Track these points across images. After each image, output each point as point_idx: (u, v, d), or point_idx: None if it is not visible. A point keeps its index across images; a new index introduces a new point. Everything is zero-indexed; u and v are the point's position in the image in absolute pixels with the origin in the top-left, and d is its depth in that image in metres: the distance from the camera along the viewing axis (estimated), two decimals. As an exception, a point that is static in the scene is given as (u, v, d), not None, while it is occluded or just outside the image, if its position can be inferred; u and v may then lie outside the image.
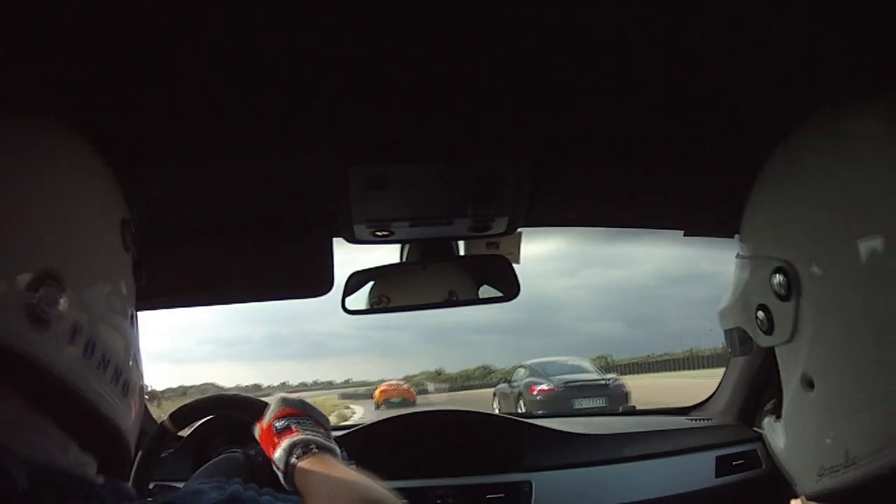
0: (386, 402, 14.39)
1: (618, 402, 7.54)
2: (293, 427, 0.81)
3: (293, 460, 0.75)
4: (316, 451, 0.76)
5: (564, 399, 8.23)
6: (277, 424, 0.82)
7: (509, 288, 1.20)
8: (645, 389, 10.69)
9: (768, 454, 1.47)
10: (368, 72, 0.79)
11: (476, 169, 1.03)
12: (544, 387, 8.78)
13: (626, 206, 1.30)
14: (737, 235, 1.44)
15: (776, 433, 0.57)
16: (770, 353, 1.49)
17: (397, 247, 1.29)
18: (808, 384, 0.49)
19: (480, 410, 1.55)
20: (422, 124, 0.93)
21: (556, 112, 0.92)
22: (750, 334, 0.55)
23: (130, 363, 0.53)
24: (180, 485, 1.00)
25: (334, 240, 1.19)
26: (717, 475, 1.42)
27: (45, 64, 0.66)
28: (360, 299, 1.22)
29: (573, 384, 8.60)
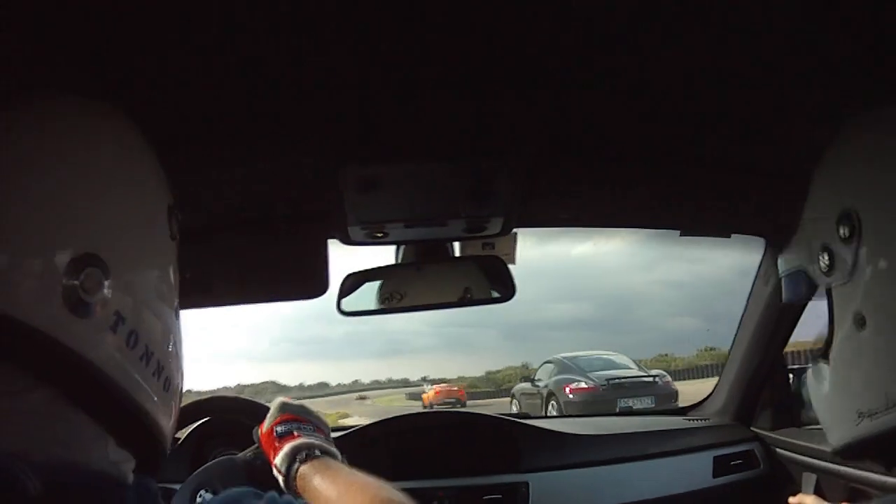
0: (441, 403, 14.52)
1: (666, 401, 6.76)
2: (295, 432, 0.80)
3: (296, 465, 0.75)
4: (319, 455, 0.76)
5: (607, 399, 7.15)
6: (279, 429, 0.81)
7: (505, 289, 1.20)
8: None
9: (766, 454, 1.47)
10: (361, 71, 0.78)
11: (471, 170, 1.02)
12: (582, 385, 7.63)
13: (621, 205, 1.30)
14: (734, 236, 1.45)
15: (821, 376, 0.58)
16: (769, 351, 1.48)
17: (391, 249, 1.30)
18: (860, 323, 0.51)
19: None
20: (415, 124, 0.93)
21: (551, 112, 0.92)
22: (811, 275, 0.57)
23: (174, 357, 0.50)
24: (177, 486, 1.00)
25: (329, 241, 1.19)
26: (715, 475, 1.43)
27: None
28: (355, 301, 1.22)
29: (617, 381, 7.53)
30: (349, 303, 1.21)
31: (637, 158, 1.08)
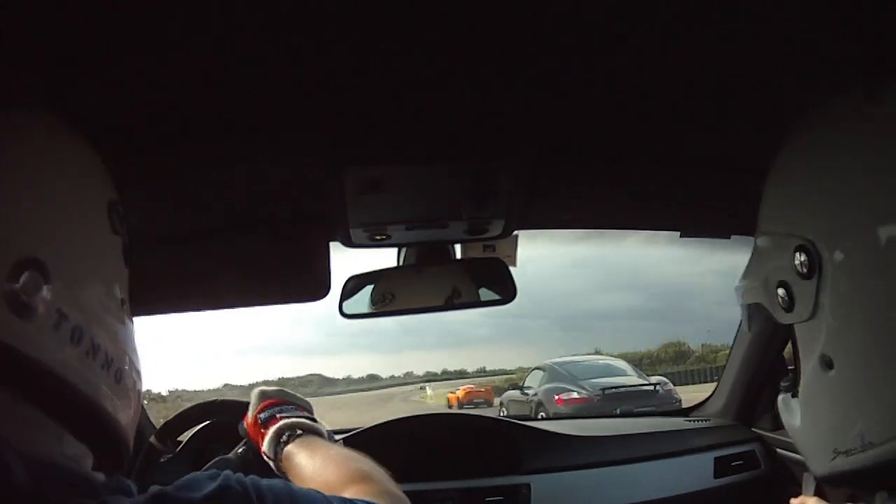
0: (470, 403, 15.55)
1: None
2: (277, 415, 0.82)
3: (282, 446, 0.76)
4: (301, 433, 0.78)
5: (602, 411, 6.58)
6: (262, 416, 0.83)
7: (506, 290, 1.20)
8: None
9: (767, 454, 1.47)
10: (362, 72, 0.78)
11: (472, 172, 1.03)
12: (574, 395, 7.17)
13: (621, 207, 1.31)
14: (733, 237, 1.45)
15: (791, 411, 0.56)
16: (770, 352, 1.49)
17: (392, 252, 1.30)
18: (827, 365, 0.48)
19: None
20: (416, 125, 0.93)
21: (552, 113, 0.92)
22: (770, 311, 0.54)
23: (123, 350, 0.51)
24: None
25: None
26: (716, 476, 1.43)
27: (30, 49, 0.64)
28: (357, 303, 1.22)
29: (613, 390, 7.08)
30: (351, 306, 1.22)
31: (638, 159, 1.08)
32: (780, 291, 0.51)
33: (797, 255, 0.48)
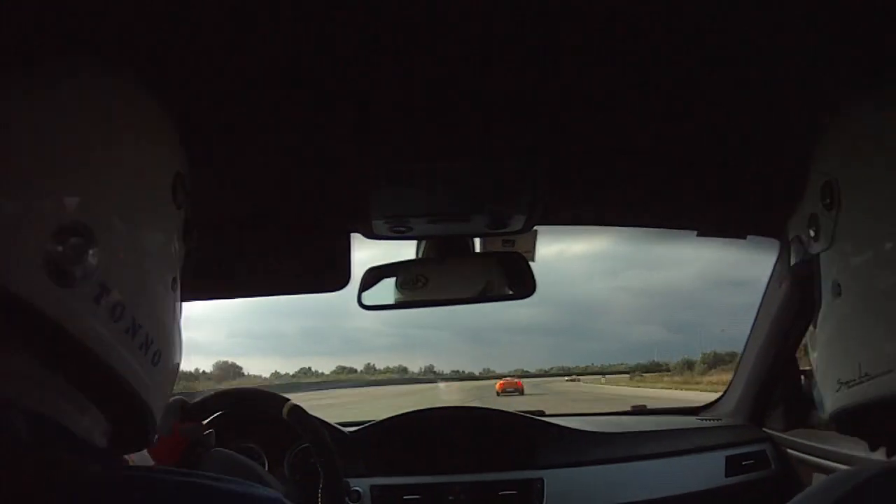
0: (504, 391, 21.69)
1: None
2: None
3: None
4: None
5: None
6: None
7: (525, 285, 1.20)
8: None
9: (777, 454, 1.48)
10: (393, 71, 0.79)
11: (495, 167, 1.03)
12: None
13: (640, 205, 1.31)
14: (749, 237, 1.46)
15: (812, 344, 0.59)
16: (782, 353, 1.49)
17: (410, 245, 1.30)
18: (837, 291, 0.53)
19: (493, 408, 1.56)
20: (444, 123, 0.93)
21: (575, 112, 0.93)
22: (803, 242, 0.59)
23: (166, 331, 0.48)
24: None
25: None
26: (727, 475, 1.43)
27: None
28: (376, 294, 1.22)
29: None
30: (370, 297, 1.22)
31: (658, 159, 1.09)
32: (812, 224, 0.57)
33: (823, 190, 0.55)
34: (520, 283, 1.21)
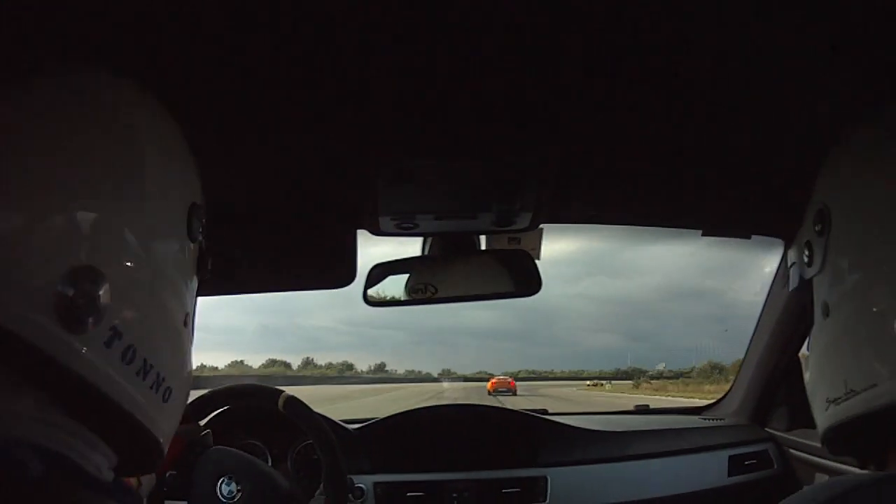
0: (496, 391, 19.91)
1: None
2: None
3: None
4: None
5: None
6: None
7: (531, 283, 1.20)
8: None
9: (780, 454, 1.48)
10: (397, 69, 0.79)
11: (505, 164, 1.03)
12: None
13: (646, 204, 1.31)
14: (753, 237, 1.46)
15: (805, 364, 0.61)
16: (785, 354, 1.49)
17: (416, 241, 1.30)
18: (826, 312, 0.55)
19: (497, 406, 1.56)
20: (452, 120, 0.93)
21: (585, 111, 0.93)
22: (799, 266, 0.61)
23: (177, 368, 0.47)
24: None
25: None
26: (730, 474, 1.44)
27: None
28: (382, 291, 1.22)
29: None
30: (375, 293, 1.22)
31: (665, 158, 1.09)
32: (806, 249, 0.59)
33: (816, 216, 0.57)
34: (525, 280, 1.21)
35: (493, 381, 21.97)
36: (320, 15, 0.67)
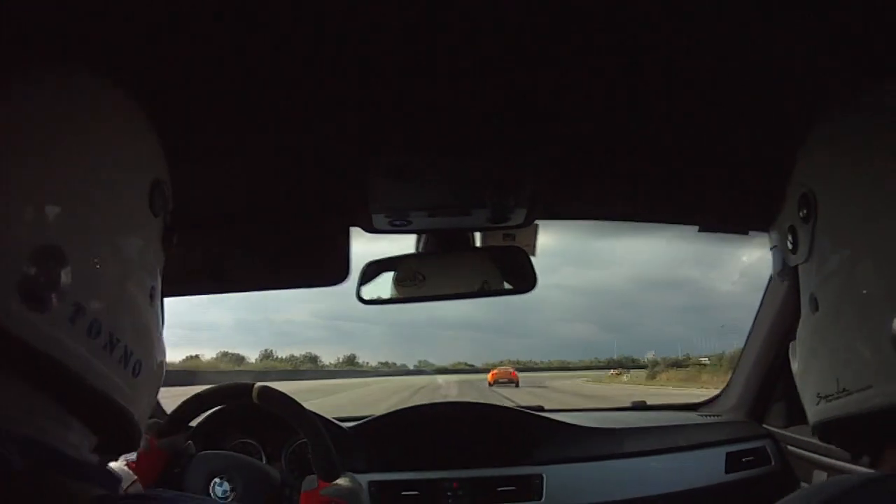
0: (496, 382, 19.35)
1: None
2: None
3: None
4: None
5: None
6: None
7: (526, 280, 1.20)
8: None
9: (778, 451, 1.48)
10: (392, 64, 0.78)
11: (498, 160, 1.02)
12: None
13: (642, 200, 1.30)
14: (750, 232, 1.45)
15: (794, 354, 0.59)
16: (782, 350, 1.49)
17: (410, 239, 1.29)
18: (814, 306, 0.53)
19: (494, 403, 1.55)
20: (444, 117, 0.93)
21: (580, 107, 0.92)
22: (783, 252, 0.59)
23: (145, 341, 0.48)
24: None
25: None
26: (727, 471, 1.43)
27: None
28: (375, 289, 1.21)
29: None
30: (369, 291, 1.21)
31: (661, 154, 1.08)
32: (790, 235, 0.56)
33: (801, 201, 0.54)
34: (520, 277, 1.20)
35: (494, 372, 20.87)
36: (319, 14, 0.66)
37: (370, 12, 0.67)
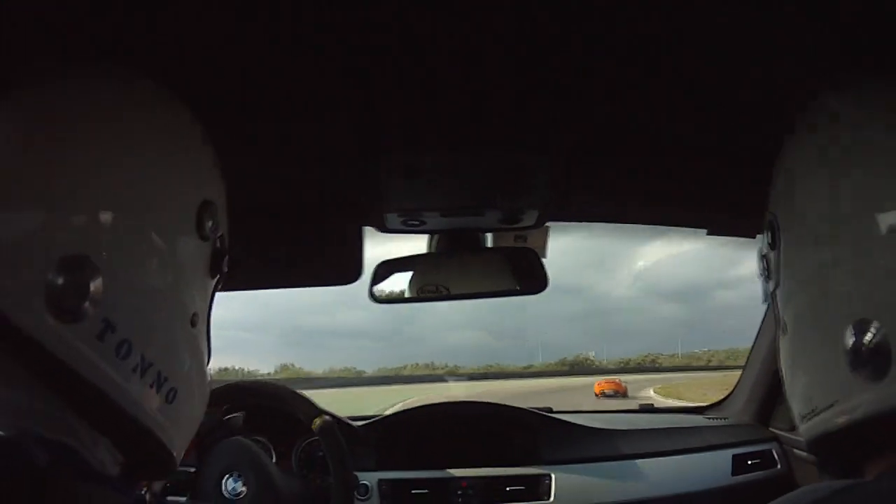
0: (602, 394, 18.03)
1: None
2: None
3: None
4: None
5: None
6: None
7: (538, 281, 1.21)
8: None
9: (784, 454, 1.48)
10: (406, 62, 0.79)
11: (510, 161, 1.03)
12: None
13: (652, 203, 1.31)
14: (758, 236, 1.46)
15: (781, 377, 0.59)
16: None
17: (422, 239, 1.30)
18: (784, 328, 0.53)
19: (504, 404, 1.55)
20: (458, 116, 0.93)
21: (592, 108, 0.93)
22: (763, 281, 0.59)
23: (183, 368, 0.46)
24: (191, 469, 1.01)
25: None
26: (734, 473, 1.44)
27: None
28: (388, 289, 1.22)
29: None
30: (381, 290, 1.22)
31: (672, 157, 1.09)
32: (763, 261, 0.57)
33: (767, 228, 0.55)
34: (531, 278, 1.21)
35: (600, 383, 18.89)
36: (328, 13, 0.67)
37: (381, 13, 0.67)
